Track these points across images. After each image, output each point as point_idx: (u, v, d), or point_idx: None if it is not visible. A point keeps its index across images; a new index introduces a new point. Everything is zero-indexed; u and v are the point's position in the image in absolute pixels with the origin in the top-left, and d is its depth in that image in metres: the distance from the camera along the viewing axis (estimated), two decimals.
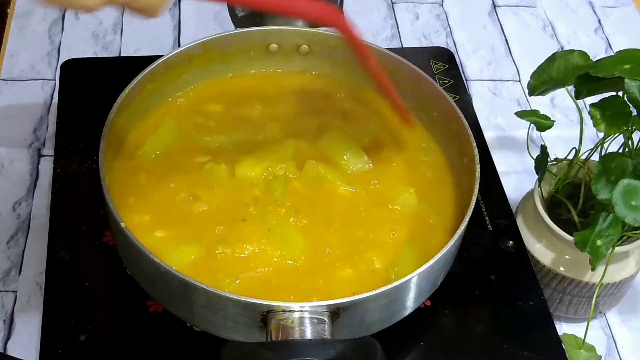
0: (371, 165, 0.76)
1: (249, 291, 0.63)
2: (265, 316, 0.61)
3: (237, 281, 0.66)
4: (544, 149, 0.77)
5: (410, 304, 0.68)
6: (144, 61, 0.76)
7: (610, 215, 0.70)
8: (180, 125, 0.77)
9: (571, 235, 0.74)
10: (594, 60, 0.73)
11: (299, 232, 0.70)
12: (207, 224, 0.70)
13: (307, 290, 0.66)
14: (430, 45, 1.09)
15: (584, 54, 0.74)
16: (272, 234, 0.69)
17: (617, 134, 0.73)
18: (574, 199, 0.77)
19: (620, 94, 0.70)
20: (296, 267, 0.68)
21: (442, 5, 1.17)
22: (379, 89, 0.75)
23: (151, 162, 0.74)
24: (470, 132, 0.72)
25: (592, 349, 0.74)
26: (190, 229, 0.69)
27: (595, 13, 1.18)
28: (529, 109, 0.77)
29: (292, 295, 0.66)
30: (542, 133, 0.82)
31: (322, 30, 0.81)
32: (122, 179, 0.72)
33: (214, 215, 0.70)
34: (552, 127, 0.76)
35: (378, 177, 0.75)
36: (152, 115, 0.78)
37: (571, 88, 0.74)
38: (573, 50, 0.74)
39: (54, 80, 1.00)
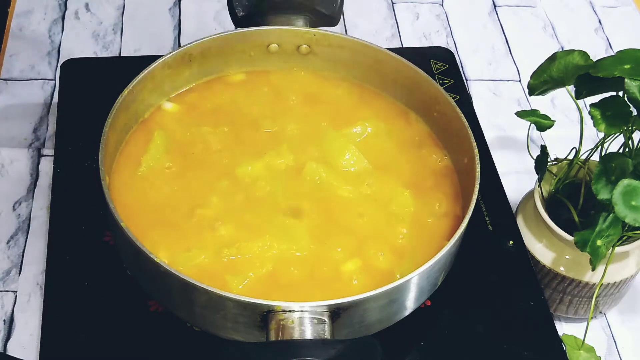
0: (370, 165, 0.75)
1: (257, 291, 0.63)
2: (265, 316, 0.61)
3: (245, 281, 0.66)
4: (544, 149, 0.77)
5: (410, 304, 0.68)
6: (144, 61, 0.75)
7: (611, 215, 0.70)
8: (175, 131, 0.77)
9: (571, 235, 0.74)
10: (594, 60, 0.73)
11: (303, 231, 0.70)
12: (211, 226, 0.70)
13: (313, 289, 0.66)
14: (430, 45, 1.09)
15: (584, 54, 0.74)
16: (277, 233, 0.69)
17: (617, 134, 0.73)
18: (574, 199, 0.77)
19: (620, 94, 0.70)
20: (301, 266, 0.68)
21: (442, 5, 1.17)
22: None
23: (151, 174, 0.73)
24: (470, 132, 0.72)
25: (591, 349, 0.74)
26: (194, 233, 0.69)
27: (596, 13, 1.18)
28: (529, 109, 0.77)
29: (298, 294, 0.66)
30: (542, 133, 0.82)
31: (322, 30, 0.81)
32: (122, 189, 0.72)
33: (216, 217, 0.70)
34: (552, 127, 0.76)
35: (377, 177, 0.75)
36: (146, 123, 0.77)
37: (571, 88, 0.74)
38: (573, 50, 0.74)
39: (54, 80, 1.00)
